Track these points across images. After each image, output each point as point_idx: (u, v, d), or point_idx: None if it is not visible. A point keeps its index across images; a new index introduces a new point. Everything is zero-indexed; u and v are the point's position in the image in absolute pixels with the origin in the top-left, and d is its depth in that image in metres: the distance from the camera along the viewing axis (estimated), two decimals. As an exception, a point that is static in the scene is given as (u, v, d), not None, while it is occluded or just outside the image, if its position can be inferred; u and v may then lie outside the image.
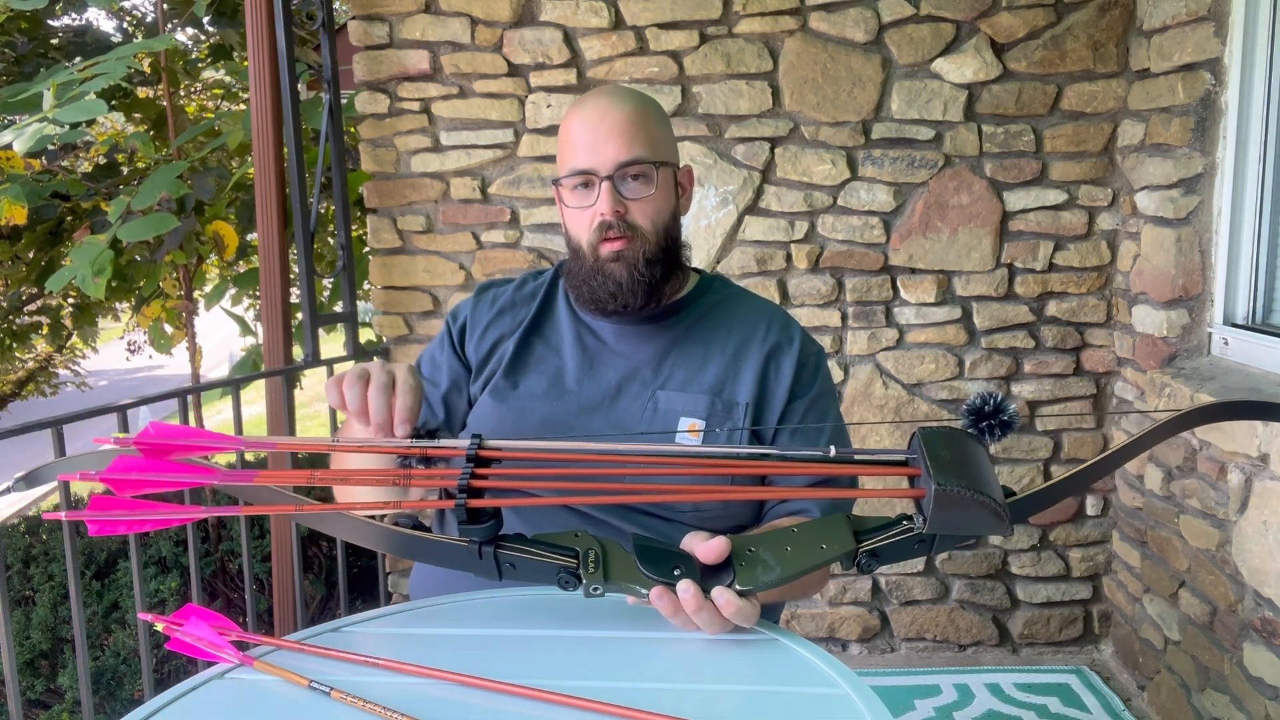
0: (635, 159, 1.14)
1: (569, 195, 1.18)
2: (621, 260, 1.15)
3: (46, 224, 3.00)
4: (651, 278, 1.16)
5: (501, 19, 2.44)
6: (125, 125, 3.91)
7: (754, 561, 0.83)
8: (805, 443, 1.17)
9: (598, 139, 1.14)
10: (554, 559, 0.82)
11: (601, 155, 1.14)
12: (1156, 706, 2.28)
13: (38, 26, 3.56)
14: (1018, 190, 2.46)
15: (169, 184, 2.39)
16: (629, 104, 1.17)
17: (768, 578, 0.82)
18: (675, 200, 1.21)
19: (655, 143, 1.17)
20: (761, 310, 1.26)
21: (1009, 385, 2.53)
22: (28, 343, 4.48)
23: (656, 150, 1.17)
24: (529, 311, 1.26)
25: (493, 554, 0.82)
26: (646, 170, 1.15)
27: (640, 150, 1.14)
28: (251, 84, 2.28)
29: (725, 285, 1.30)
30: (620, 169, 1.14)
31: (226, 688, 0.82)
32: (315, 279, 2.42)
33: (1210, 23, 2.04)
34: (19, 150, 1.93)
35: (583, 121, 1.16)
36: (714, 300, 1.26)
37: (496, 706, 0.76)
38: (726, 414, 1.16)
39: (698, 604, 0.81)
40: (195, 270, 3.09)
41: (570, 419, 1.17)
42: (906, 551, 0.81)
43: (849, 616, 2.63)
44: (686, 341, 1.21)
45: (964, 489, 0.74)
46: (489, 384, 1.22)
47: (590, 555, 0.83)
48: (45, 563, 2.83)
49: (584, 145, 1.15)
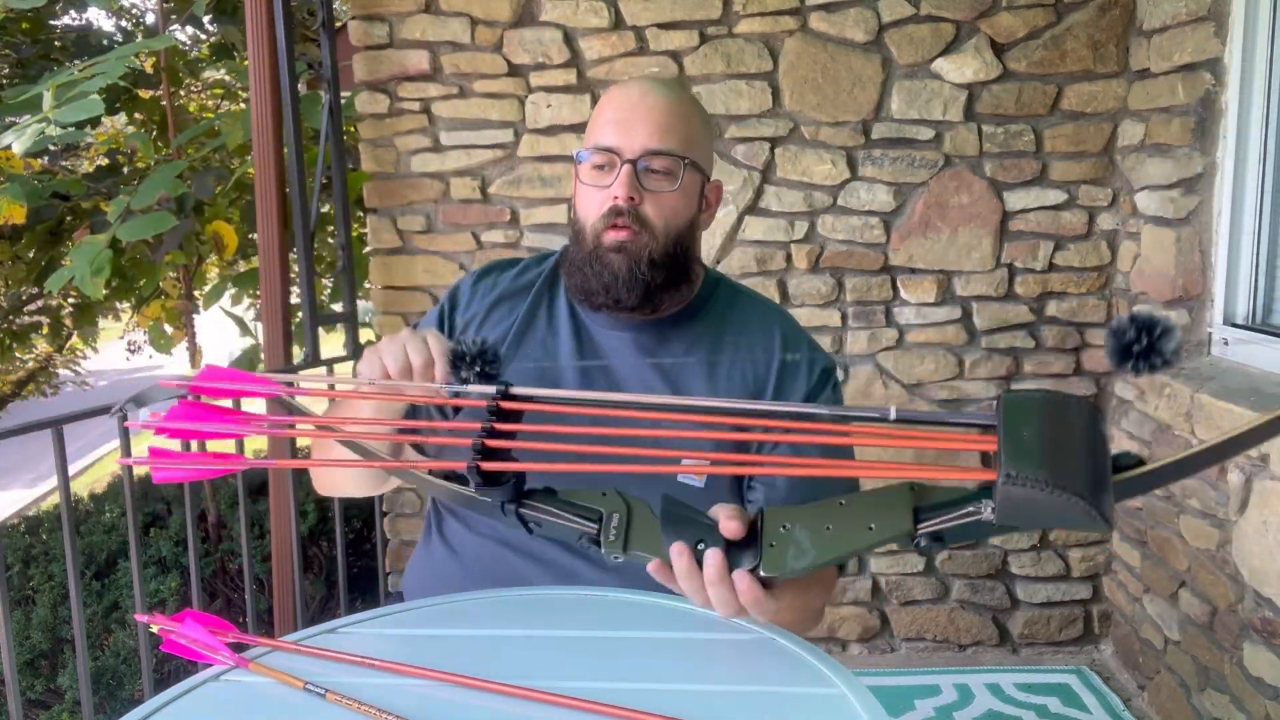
0: (664, 149, 1.07)
1: (587, 172, 1.10)
2: (624, 252, 1.08)
3: (46, 224, 3.00)
4: (651, 279, 1.08)
5: (501, 19, 2.44)
6: (125, 126, 3.91)
7: (785, 542, 0.73)
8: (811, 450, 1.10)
9: (632, 119, 1.07)
10: (575, 524, 0.77)
11: (630, 137, 1.07)
12: (1156, 706, 2.28)
13: (40, 28, 3.56)
14: (1018, 190, 2.46)
15: (168, 183, 2.39)
16: (673, 94, 1.10)
17: (798, 564, 0.72)
18: (696, 209, 1.13)
19: (691, 141, 1.09)
20: (770, 320, 1.19)
21: (1009, 385, 2.53)
22: (28, 343, 4.48)
23: (690, 149, 1.09)
24: (523, 307, 1.18)
25: (515, 512, 0.77)
26: (672, 164, 1.08)
27: (672, 143, 1.07)
28: (251, 83, 2.28)
29: (731, 290, 1.23)
30: (646, 156, 1.07)
31: (222, 689, 0.82)
32: (315, 279, 2.42)
33: (1210, 23, 2.03)
34: (18, 151, 1.93)
35: (621, 99, 1.10)
36: (719, 308, 1.19)
37: (494, 707, 0.75)
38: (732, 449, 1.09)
39: (719, 575, 0.74)
40: (195, 270, 3.10)
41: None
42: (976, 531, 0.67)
43: (849, 616, 2.63)
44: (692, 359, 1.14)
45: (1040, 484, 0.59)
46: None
47: (614, 520, 0.77)
48: (45, 563, 2.83)
49: (615, 123, 1.08)
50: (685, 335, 1.16)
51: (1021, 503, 0.60)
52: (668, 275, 1.10)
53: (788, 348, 1.16)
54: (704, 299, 1.20)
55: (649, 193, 1.08)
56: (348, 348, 2.60)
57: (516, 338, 1.16)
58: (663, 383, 1.13)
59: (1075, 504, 0.59)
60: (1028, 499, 0.60)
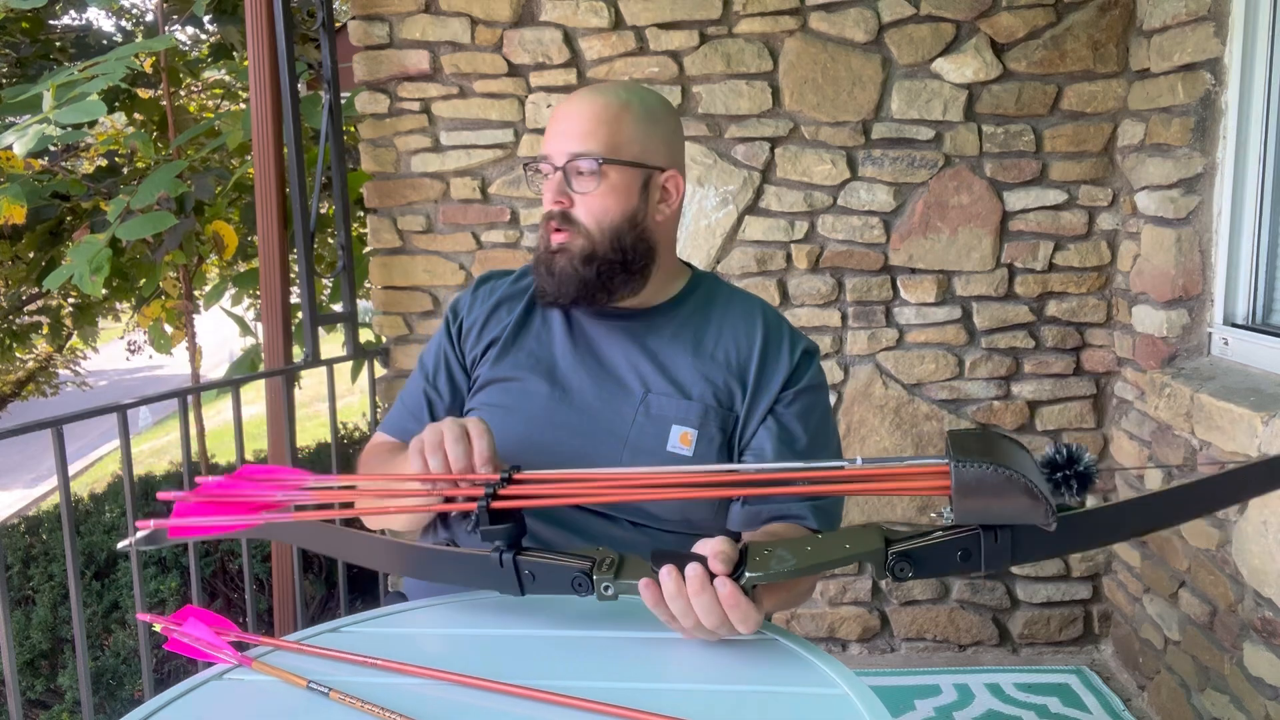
0: (581, 153, 1.12)
1: (538, 181, 1.19)
2: (562, 253, 1.14)
3: (46, 224, 3.00)
4: (585, 276, 1.14)
5: (501, 19, 2.44)
6: (125, 126, 3.91)
7: (769, 556, 0.80)
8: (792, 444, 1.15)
9: (559, 128, 1.14)
10: (570, 563, 0.83)
11: (555, 144, 1.14)
12: (1156, 706, 2.28)
13: (40, 28, 3.56)
14: (1018, 190, 2.46)
15: (168, 183, 2.39)
16: (606, 97, 1.15)
17: (781, 568, 0.79)
18: (637, 203, 1.16)
19: (616, 141, 1.13)
20: (752, 309, 1.24)
21: (1009, 385, 2.53)
22: (28, 343, 4.48)
23: (615, 149, 1.13)
24: (520, 306, 1.25)
25: (513, 561, 0.84)
26: (590, 166, 1.12)
27: (592, 145, 1.12)
28: (251, 83, 2.28)
29: (715, 284, 1.29)
30: (570, 160, 1.13)
31: (225, 688, 0.82)
32: (315, 279, 2.42)
33: (1210, 23, 2.04)
34: (19, 152, 1.93)
35: (558, 109, 1.17)
36: (703, 300, 1.25)
37: (496, 706, 0.76)
38: (719, 421, 1.14)
39: (701, 585, 0.79)
40: (195, 270, 3.10)
41: (563, 418, 1.16)
42: (948, 561, 0.75)
43: (849, 616, 2.63)
44: (677, 343, 1.20)
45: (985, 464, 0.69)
46: (484, 379, 1.22)
47: (607, 560, 0.83)
48: (45, 563, 2.83)
49: (549, 133, 1.16)
50: (672, 321, 1.22)
51: (972, 484, 0.69)
52: (609, 269, 1.15)
53: (770, 331, 1.21)
54: (690, 291, 1.26)
55: (578, 194, 1.14)
56: (348, 348, 2.60)
57: (514, 333, 1.23)
58: (650, 363, 1.18)
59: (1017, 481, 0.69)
60: (977, 479, 0.69)
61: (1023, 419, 2.54)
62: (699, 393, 1.15)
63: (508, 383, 1.20)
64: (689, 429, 1.13)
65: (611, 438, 1.13)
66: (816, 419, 1.19)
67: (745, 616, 0.80)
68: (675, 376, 1.16)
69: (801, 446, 1.15)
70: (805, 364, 1.20)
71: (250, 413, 5.48)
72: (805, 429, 1.16)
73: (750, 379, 1.16)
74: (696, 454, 1.12)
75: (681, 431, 1.13)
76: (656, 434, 1.13)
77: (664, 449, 1.12)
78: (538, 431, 1.15)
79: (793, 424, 1.16)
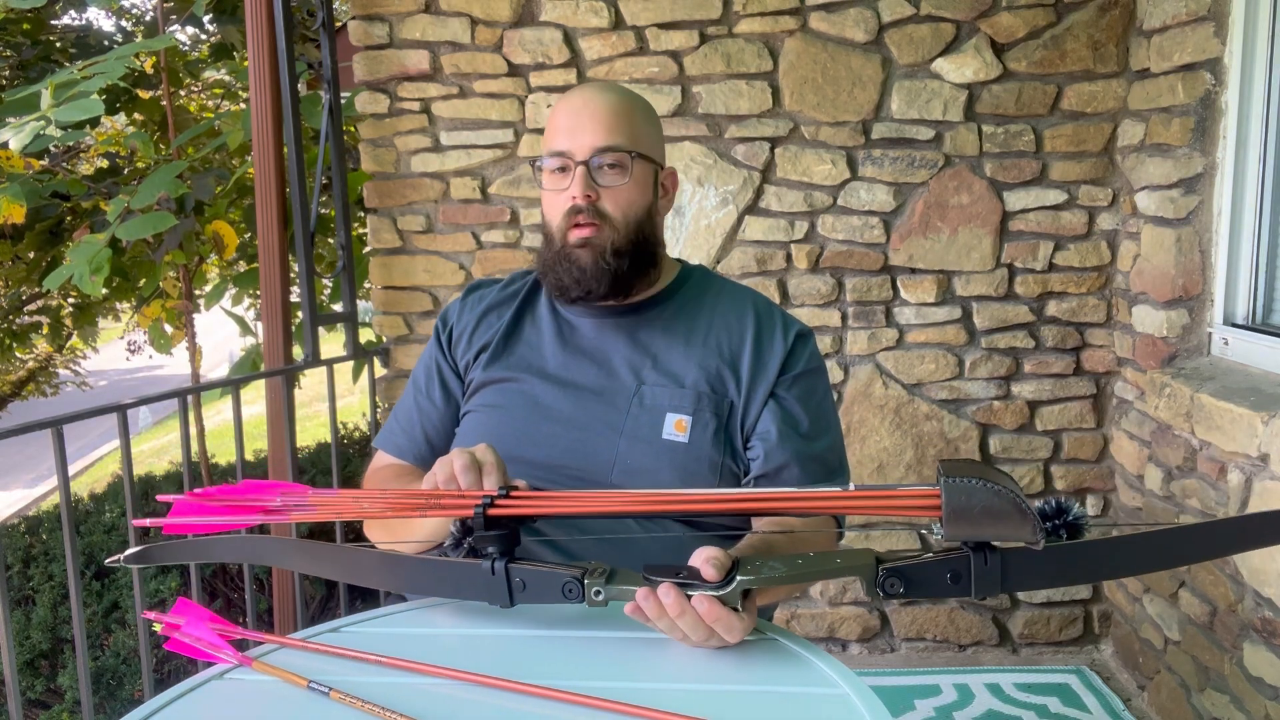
0: (611, 146, 1.14)
1: (547, 178, 1.19)
2: (589, 247, 1.15)
3: (46, 224, 3.00)
4: (617, 268, 1.16)
5: (501, 19, 2.44)
6: (125, 126, 3.91)
7: (761, 565, 0.82)
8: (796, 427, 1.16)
9: (578, 124, 1.15)
10: (561, 570, 0.84)
11: (579, 140, 1.15)
12: (1156, 706, 2.28)
13: (40, 29, 3.56)
14: (1018, 190, 2.46)
15: (168, 183, 2.39)
16: (614, 95, 1.19)
17: (772, 574, 0.81)
18: (652, 198, 1.21)
19: (636, 135, 1.17)
20: (743, 298, 1.26)
21: (1009, 385, 2.53)
22: (28, 343, 4.48)
23: (636, 142, 1.17)
24: (511, 309, 1.27)
25: (504, 569, 0.84)
26: (621, 159, 1.15)
27: (618, 139, 1.15)
28: (251, 83, 2.28)
29: (705, 276, 1.30)
30: (596, 155, 1.14)
31: (226, 688, 0.82)
32: (315, 279, 2.42)
33: (1210, 23, 2.04)
34: (14, 148, 1.93)
35: (567, 107, 1.18)
36: (694, 291, 1.26)
37: (497, 705, 0.76)
38: (713, 407, 1.16)
39: (679, 607, 0.80)
40: (195, 270, 3.09)
41: (558, 412, 1.17)
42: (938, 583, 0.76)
43: (849, 616, 2.63)
44: (669, 334, 1.21)
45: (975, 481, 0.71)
46: (478, 382, 1.23)
47: (599, 570, 0.84)
48: (45, 563, 2.83)
49: (564, 130, 1.16)
50: (664, 313, 1.24)
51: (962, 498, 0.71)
52: (633, 261, 1.18)
53: (761, 317, 1.23)
54: (679, 283, 1.27)
55: (604, 188, 1.16)
56: (348, 348, 2.60)
57: (505, 337, 1.26)
58: (643, 355, 1.19)
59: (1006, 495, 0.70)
60: (967, 494, 0.71)
61: (1023, 419, 2.54)
62: (692, 380, 1.17)
63: (502, 383, 1.22)
64: (683, 415, 1.14)
65: (607, 429, 1.14)
66: (817, 401, 1.20)
67: (730, 628, 0.82)
68: (668, 366, 1.18)
69: (805, 429, 1.17)
70: (800, 347, 1.21)
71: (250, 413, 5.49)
72: (807, 411, 1.18)
73: (745, 366, 1.18)
74: (691, 440, 1.14)
75: (676, 419, 1.14)
76: (651, 423, 1.14)
77: (659, 437, 1.13)
78: (534, 426, 1.16)
79: (794, 408, 1.17)
